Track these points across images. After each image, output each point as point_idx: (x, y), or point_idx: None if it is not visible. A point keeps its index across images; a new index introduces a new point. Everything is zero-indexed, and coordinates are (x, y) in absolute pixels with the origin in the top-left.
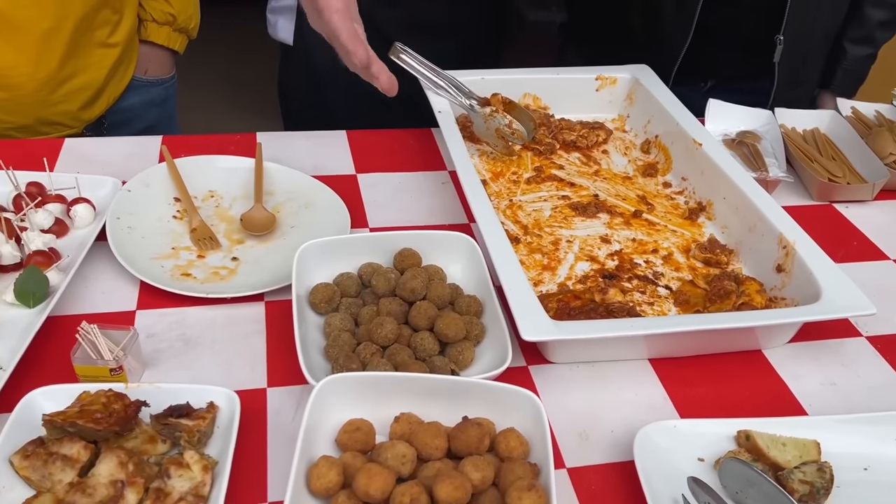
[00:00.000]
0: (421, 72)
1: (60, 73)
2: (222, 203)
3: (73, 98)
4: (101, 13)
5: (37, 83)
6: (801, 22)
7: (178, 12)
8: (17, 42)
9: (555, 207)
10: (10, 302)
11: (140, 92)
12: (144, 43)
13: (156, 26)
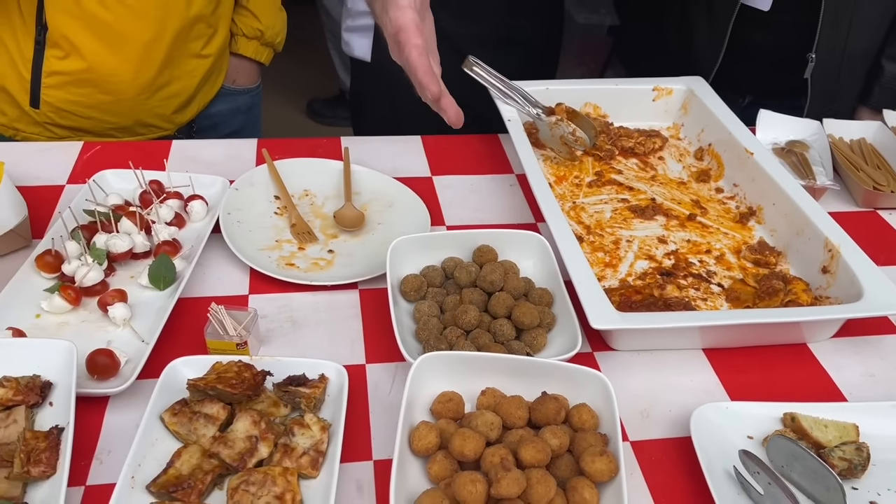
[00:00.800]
0: (491, 83)
1: (158, 80)
2: (316, 201)
3: (167, 103)
4: (196, 27)
5: (137, 88)
6: (834, 41)
7: (265, 28)
8: (121, 51)
9: (615, 210)
10: (144, 285)
11: (228, 100)
12: (234, 55)
13: (245, 40)
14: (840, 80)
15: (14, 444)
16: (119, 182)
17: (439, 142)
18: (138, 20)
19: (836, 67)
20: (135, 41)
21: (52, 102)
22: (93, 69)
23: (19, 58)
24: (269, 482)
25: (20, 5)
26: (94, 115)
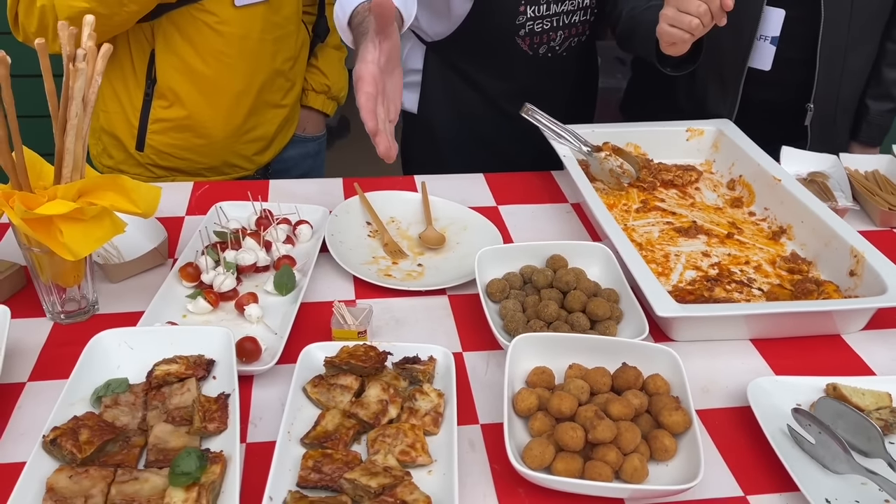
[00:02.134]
0: (546, 125)
1: (244, 126)
2: (401, 226)
3: (251, 146)
4: (277, 81)
5: (226, 133)
6: (828, 91)
7: (332, 84)
8: (216, 101)
9: (661, 230)
10: (269, 291)
11: (298, 146)
12: (304, 107)
13: (314, 94)
14: (836, 124)
15: (189, 407)
16: (235, 211)
17: (500, 178)
18: (231, 74)
19: (831, 113)
20: (227, 92)
21: (155, 146)
22: (191, 116)
23: (129, 107)
24: (401, 435)
25: (133, 63)
26: (188, 157)
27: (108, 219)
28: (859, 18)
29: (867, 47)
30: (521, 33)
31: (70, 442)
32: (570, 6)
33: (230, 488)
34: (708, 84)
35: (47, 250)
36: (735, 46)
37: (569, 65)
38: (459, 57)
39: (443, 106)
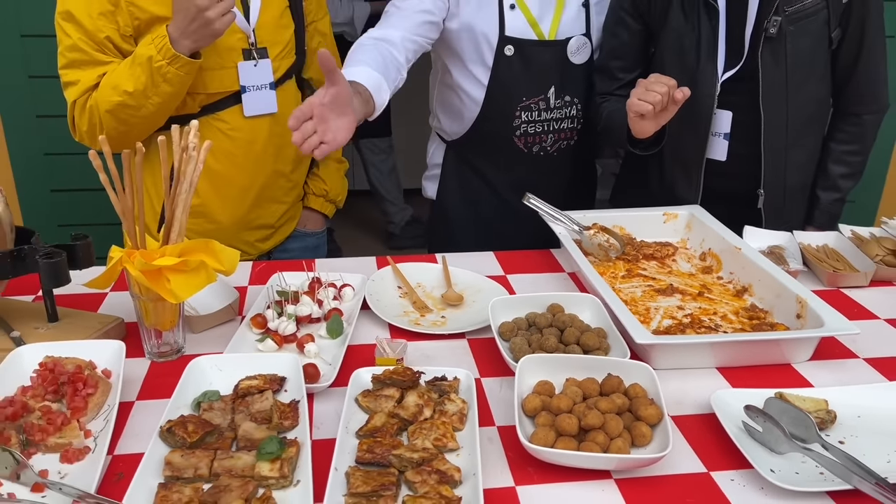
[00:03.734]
0: (545, 210)
1: (248, 216)
2: (426, 289)
3: (254, 234)
4: (278, 181)
5: (232, 220)
6: (775, 179)
7: (330, 189)
8: (224, 192)
9: (643, 291)
10: (322, 335)
11: (300, 240)
12: (306, 207)
13: (314, 196)
14: (786, 208)
15: (268, 410)
16: (290, 279)
17: (508, 255)
18: (238, 171)
19: (780, 199)
20: (234, 186)
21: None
22: (204, 204)
23: (155, 196)
24: (434, 427)
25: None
26: None
27: (204, 271)
28: (796, 122)
29: (808, 145)
30: (517, 134)
31: (181, 430)
32: (558, 115)
33: (304, 463)
34: (675, 174)
35: (154, 297)
36: (694, 141)
37: (560, 164)
38: (470, 152)
39: (456, 193)
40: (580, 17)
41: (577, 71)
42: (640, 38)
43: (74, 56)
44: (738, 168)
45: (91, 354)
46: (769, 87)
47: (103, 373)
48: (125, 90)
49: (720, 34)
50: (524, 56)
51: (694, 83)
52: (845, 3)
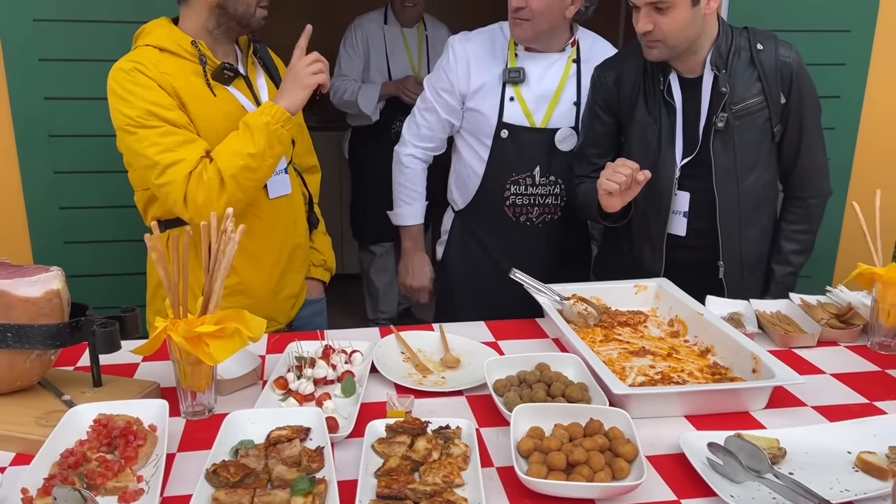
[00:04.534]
0: (530, 284)
1: (278, 286)
2: (426, 354)
3: (283, 304)
4: (297, 252)
5: (266, 292)
6: (732, 254)
7: (326, 259)
8: (259, 268)
9: (619, 353)
10: (337, 395)
11: (308, 307)
12: (308, 278)
13: (314, 267)
14: (744, 279)
15: (297, 456)
16: (305, 346)
17: (497, 324)
18: (269, 247)
19: (739, 271)
20: (267, 261)
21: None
22: (243, 282)
23: (195, 282)
24: (442, 467)
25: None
26: None
27: (238, 336)
28: (746, 203)
29: (761, 224)
30: (507, 204)
31: (224, 472)
32: (543, 191)
33: (332, 498)
34: (642, 247)
35: (193, 361)
36: (657, 219)
37: (545, 235)
38: (472, 220)
39: (459, 254)
40: (571, 112)
41: (564, 156)
42: (612, 129)
43: (170, 140)
44: (697, 242)
45: (137, 412)
46: (721, 172)
47: (150, 427)
48: (248, 153)
49: (678, 127)
50: (516, 139)
51: (656, 168)
52: (783, 103)
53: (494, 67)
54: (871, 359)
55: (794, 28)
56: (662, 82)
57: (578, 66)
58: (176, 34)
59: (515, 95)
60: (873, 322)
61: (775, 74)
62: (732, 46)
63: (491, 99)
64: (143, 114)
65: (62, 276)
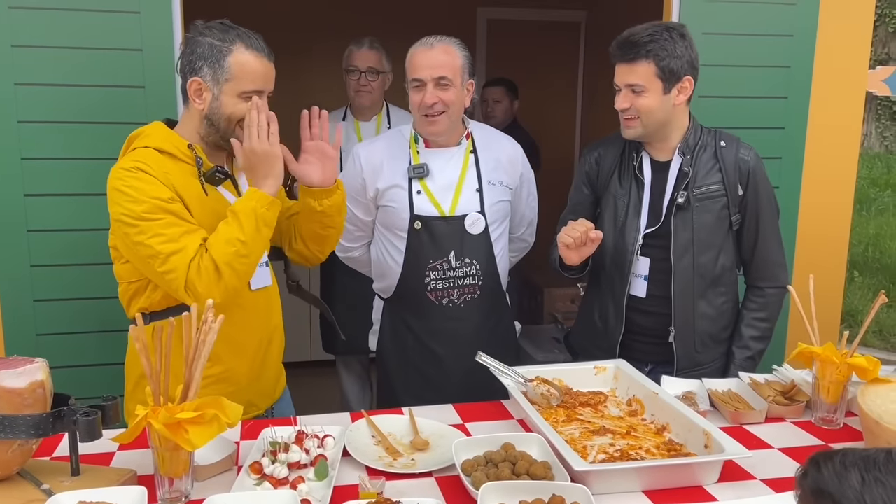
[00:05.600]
0: (496, 367)
1: (259, 373)
2: (396, 437)
3: (265, 387)
4: (274, 337)
5: (247, 379)
6: (685, 323)
7: None
8: (242, 355)
9: (581, 432)
10: (310, 479)
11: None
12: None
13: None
14: (697, 352)
15: None
16: (279, 432)
17: (465, 406)
18: (250, 334)
19: (691, 342)
20: (249, 348)
21: (200, 395)
22: (228, 370)
23: (178, 370)
24: None
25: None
26: None
27: (216, 422)
28: (701, 279)
29: (716, 303)
30: (429, 289)
31: None
32: (460, 273)
33: None
34: (607, 307)
35: (171, 448)
36: (620, 280)
37: (468, 313)
38: (398, 306)
39: (390, 341)
40: (475, 198)
41: (475, 239)
42: (590, 200)
43: (173, 231)
44: (654, 306)
45: (117, 499)
46: (678, 244)
47: None
48: (239, 239)
49: (644, 200)
50: (429, 228)
51: (622, 234)
52: (741, 195)
53: (399, 166)
54: (816, 433)
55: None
56: (636, 158)
57: (476, 155)
58: (173, 138)
59: (422, 188)
60: (815, 398)
61: (734, 169)
62: (700, 140)
63: (401, 195)
64: (149, 208)
65: (46, 368)
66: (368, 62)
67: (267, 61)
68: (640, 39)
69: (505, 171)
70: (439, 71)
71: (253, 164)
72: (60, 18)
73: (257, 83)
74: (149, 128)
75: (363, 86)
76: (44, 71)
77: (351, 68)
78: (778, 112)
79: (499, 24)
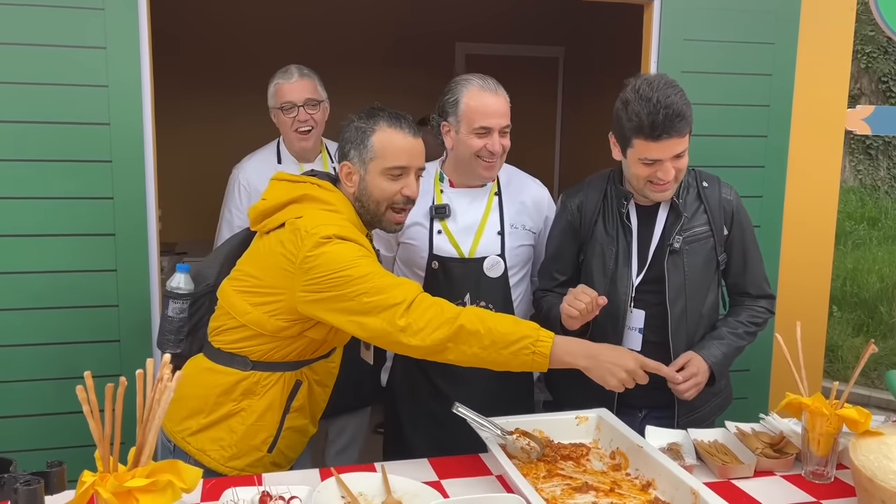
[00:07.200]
0: (472, 419)
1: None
2: (367, 497)
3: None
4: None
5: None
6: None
7: None
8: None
9: (562, 490)
10: None
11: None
12: None
13: None
14: (698, 397)
15: None
16: (242, 493)
17: (440, 461)
18: (326, 392)
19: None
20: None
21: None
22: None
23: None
24: None
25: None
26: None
27: (171, 490)
28: (694, 321)
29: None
30: None
31: None
32: None
33: None
34: None
35: None
36: (614, 333)
37: (477, 375)
38: None
39: (402, 379)
40: (496, 241)
41: (492, 282)
42: (573, 249)
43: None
44: (650, 354)
45: None
46: (673, 289)
47: None
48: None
49: (633, 247)
50: (446, 269)
51: (614, 285)
52: (726, 235)
53: (422, 204)
54: (807, 488)
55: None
56: (625, 205)
57: (500, 198)
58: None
59: (443, 229)
60: (805, 451)
61: (719, 209)
62: (683, 182)
63: (421, 233)
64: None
65: None
66: (305, 93)
67: (412, 137)
68: (683, 111)
69: (529, 215)
70: (505, 120)
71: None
72: (21, 52)
73: (401, 159)
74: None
75: (304, 122)
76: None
77: (285, 105)
78: (758, 151)
79: (477, 60)
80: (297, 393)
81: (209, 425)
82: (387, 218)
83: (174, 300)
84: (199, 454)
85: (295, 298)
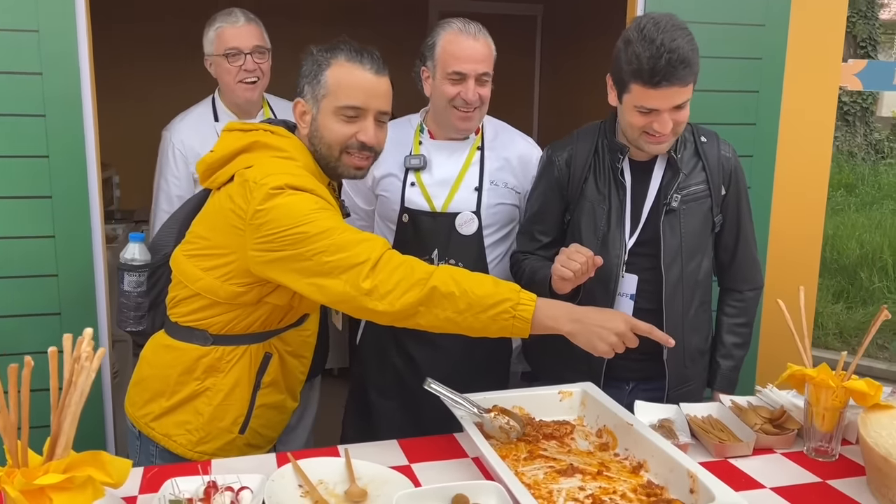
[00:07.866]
0: (445, 395)
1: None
2: (329, 486)
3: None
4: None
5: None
6: (676, 336)
7: None
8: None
9: (545, 473)
10: None
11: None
12: None
13: None
14: (686, 368)
15: None
16: (185, 484)
17: (410, 442)
18: (302, 363)
19: (682, 358)
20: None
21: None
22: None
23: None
24: None
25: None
26: (270, 434)
27: (91, 487)
28: (689, 287)
29: (699, 312)
30: None
31: None
32: None
33: None
34: None
35: None
36: (604, 299)
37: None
38: None
39: (373, 338)
40: (472, 197)
41: (465, 240)
42: (558, 208)
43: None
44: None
45: None
46: (668, 252)
47: None
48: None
49: (626, 206)
50: (416, 223)
51: (605, 247)
52: (723, 195)
53: (399, 155)
54: (810, 467)
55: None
56: (620, 160)
57: (482, 153)
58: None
59: (416, 181)
60: (808, 426)
61: (717, 167)
62: (680, 136)
63: (395, 185)
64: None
65: None
66: (253, 39)
67: (372, 75)
68: (689, 58)
69: (513, 173)
70: (483, 66)
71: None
72: None
73: (355, 98)
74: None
75: (251, 71)
76: None
77: (230, 51)
78: (749, 107)
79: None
80: (267, 367)
81: (172, 408)
82: (343, 163)
83: (129, 273)
84: (164, 440)
85: (247, 259)
